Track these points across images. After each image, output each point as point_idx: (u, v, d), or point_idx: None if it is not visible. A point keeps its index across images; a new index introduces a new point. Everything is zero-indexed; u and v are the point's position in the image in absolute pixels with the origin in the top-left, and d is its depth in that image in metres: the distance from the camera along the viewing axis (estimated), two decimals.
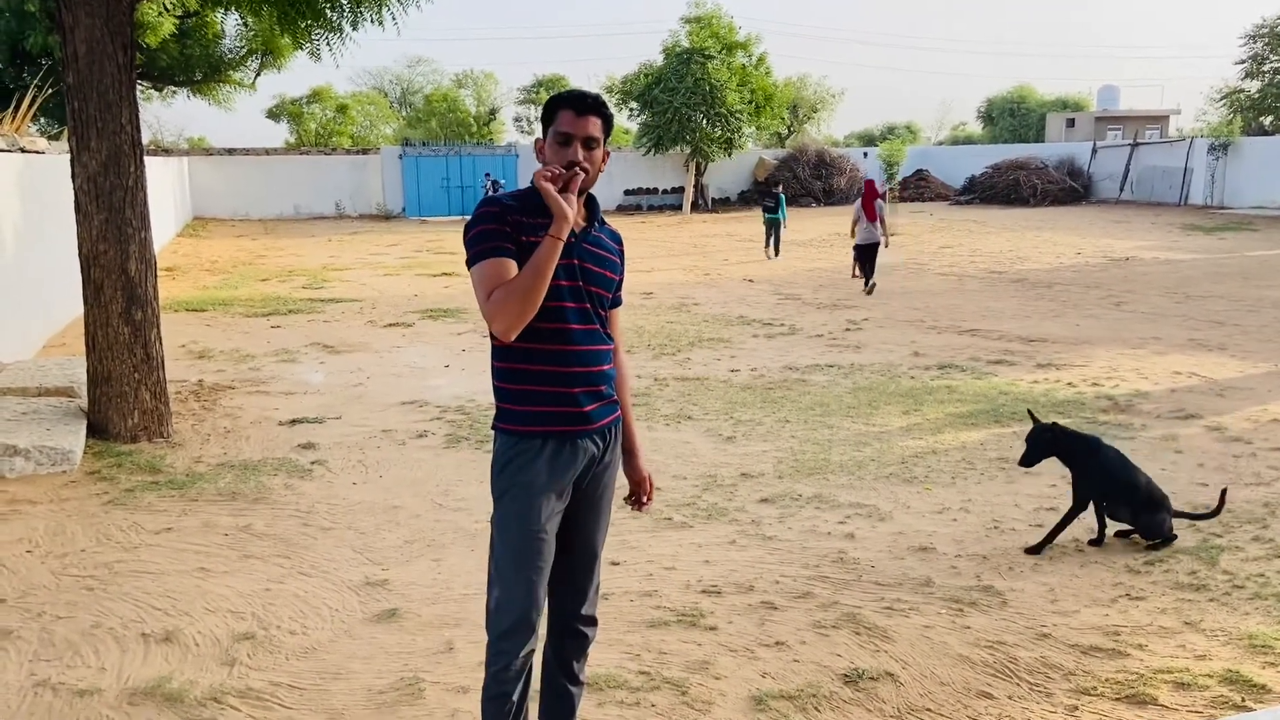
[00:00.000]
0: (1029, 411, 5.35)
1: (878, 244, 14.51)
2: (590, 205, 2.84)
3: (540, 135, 2.77)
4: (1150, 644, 3.93)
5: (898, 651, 3.89)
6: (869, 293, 14.28)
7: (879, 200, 14.51)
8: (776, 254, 19.91)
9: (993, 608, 4.28)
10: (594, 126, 2.69)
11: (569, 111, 2.69)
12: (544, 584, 2.81)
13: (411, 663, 3.82)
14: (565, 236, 2.59)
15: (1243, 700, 3.50)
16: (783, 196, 20.90)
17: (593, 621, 3.01)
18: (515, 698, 2.83)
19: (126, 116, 6.66)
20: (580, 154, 2.67)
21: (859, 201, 14.72)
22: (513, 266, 2.62)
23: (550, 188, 2.59)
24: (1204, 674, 3.67)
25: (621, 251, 2.94)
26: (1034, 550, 4.89)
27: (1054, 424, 5.08)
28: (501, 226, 2.67)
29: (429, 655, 3.88)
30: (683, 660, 3.83)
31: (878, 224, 14.42)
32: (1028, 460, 5.09)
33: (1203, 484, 5.86)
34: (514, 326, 2.62)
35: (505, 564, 2.77)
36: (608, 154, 2.82)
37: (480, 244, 2.67)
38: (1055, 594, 4.41)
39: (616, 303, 2.92)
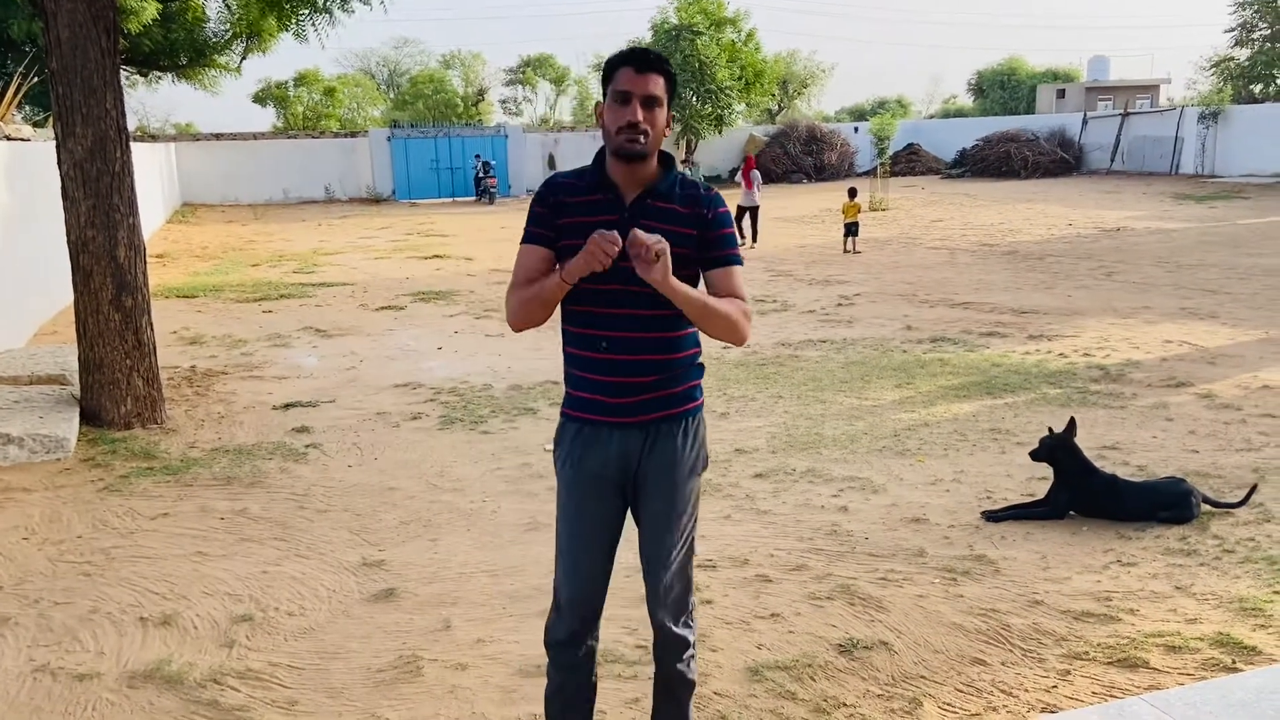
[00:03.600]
0: (1071, 419, 5.18)
1: (757, 206, 18.28)
2: (664, 164, 2.62)
3: (600, 98, 2.59)
4: (1141, 609, 3.97)
5: (892, 621, 3.93)
6: (747, 247, 17.20)
7: (753, 171, 18.43)
8: None
9: (985, 576, 4.31)
10: (655, 85, 2.51)
11: (629, 69, 2.51)
12: (589, 577, 2.70)
13: (409, 641, 3.84)
14: (574, 283, 2.48)
15: (1233, 662, 3.54)
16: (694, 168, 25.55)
17: (667, 630, 2.75)
18: (560, 688, 2.75)
19: (111, 102, 6.61)
20: (639, 114, 2.48)
21: (739, 174, 18.82)
22: (535, 254, 2.58)
23: (597, 251, 2.36)
24: (1195, 637, 3.71)
25: (702, 215, 2.59)
26: (991, 516, 4.94)
27: (1068, 437, 5.01)
28: (542, 209, 2.60)
29: (427, 634, 3.90)
30: None
31: (755, 190, 18.24)
32: (1037, 455, 5.11)
33: (1193, 451, 5.89)
34: (517, 328, 2.63)
35: (558, 541, 2.75)
36: (672, 116, 2.61)
37: (526, 226, 2.64)
38: (1047, 561, 4.45)
39: (724, 262, 2.59)
